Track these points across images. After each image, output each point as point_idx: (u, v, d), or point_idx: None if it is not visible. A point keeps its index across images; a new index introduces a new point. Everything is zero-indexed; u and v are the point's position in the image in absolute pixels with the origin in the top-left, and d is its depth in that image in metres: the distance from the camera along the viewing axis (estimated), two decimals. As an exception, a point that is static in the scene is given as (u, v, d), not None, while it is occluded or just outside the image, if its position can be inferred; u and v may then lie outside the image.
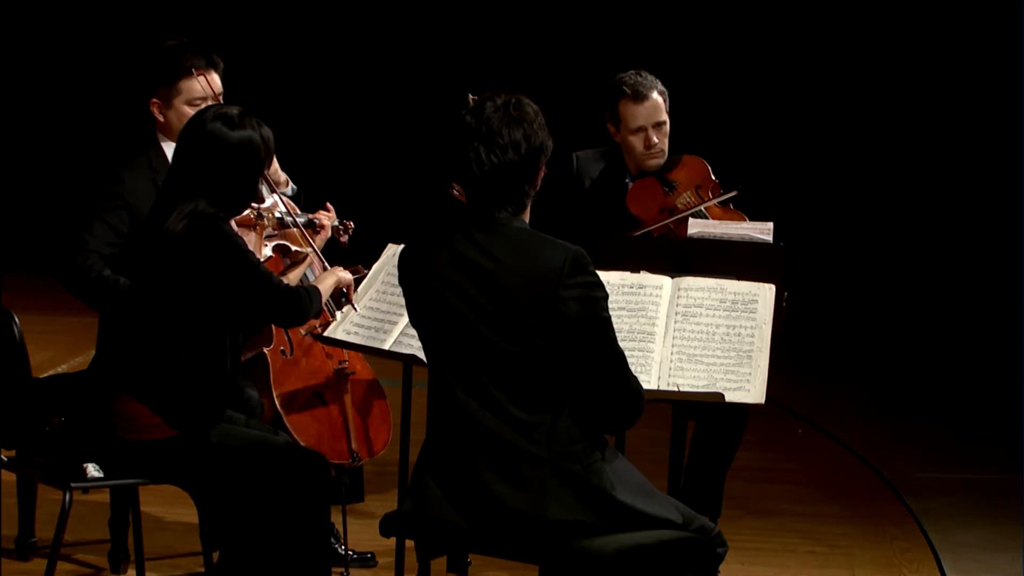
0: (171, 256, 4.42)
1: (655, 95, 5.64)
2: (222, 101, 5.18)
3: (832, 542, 6.08)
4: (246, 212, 4.84)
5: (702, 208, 5.57)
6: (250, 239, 4.91)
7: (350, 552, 5.37)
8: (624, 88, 5.65)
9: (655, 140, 5.65)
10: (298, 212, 5.17)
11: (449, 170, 3.96)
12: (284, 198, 5.18)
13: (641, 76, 5.66)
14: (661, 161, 5.69)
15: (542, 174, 3.97)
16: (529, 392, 3.86)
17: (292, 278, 4.84)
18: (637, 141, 5.66)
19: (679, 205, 5.61)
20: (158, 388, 4.47)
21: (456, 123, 3.94)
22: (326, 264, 5.10)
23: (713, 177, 5.69)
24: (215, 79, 5.21)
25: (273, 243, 5.04)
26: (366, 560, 5.46)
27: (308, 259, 4.98)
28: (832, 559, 5.89)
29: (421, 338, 4.00)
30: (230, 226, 4.52)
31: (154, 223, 4.48)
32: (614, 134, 5.72)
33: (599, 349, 3.86)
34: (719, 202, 5.60)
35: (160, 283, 4.46)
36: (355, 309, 4.88)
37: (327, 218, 5.21)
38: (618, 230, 5.55)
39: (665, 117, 5.66)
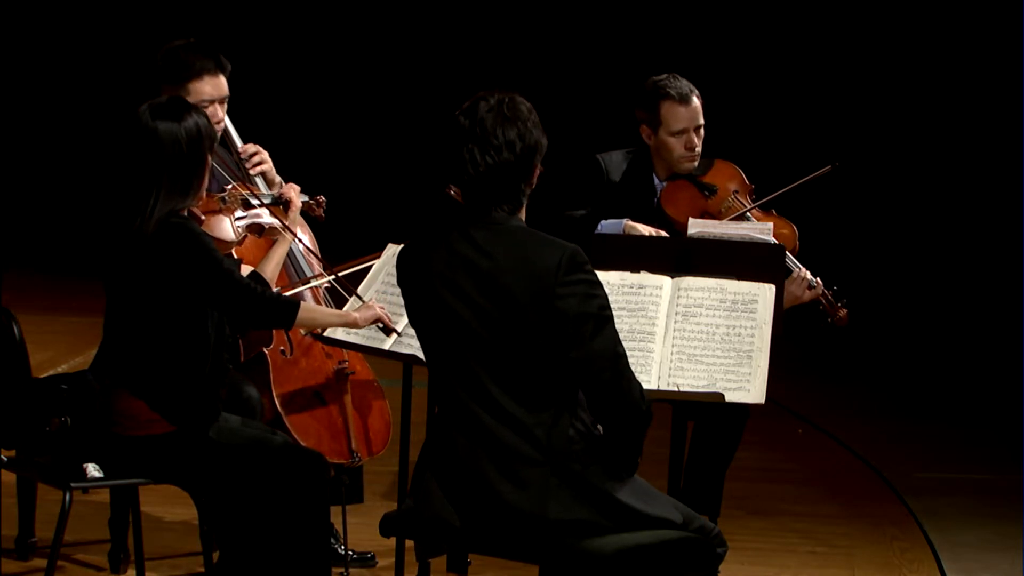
0: (144, 256, 4.46)
1: (696, 98, 5.63)
2: (226, 105, 5.20)
3: (832, 542, 6.08)
4: (207, 199, 4.82)
5: (748, 212, 5.56)
6: (222, 223, 4.90)
7: (350, 552, 5.37)
8: (668, 90, 5.61)
9: (696, 142, 5.64)
10: (262, 192, 5.16)
11: (445, 171, 3.95)
12: (245, 181, 5.16)
13: (678, 80, 5.64)
14: (695, 164, 5.67)
15: (538, 172, 3.96)
16: (529, 391, 3.85)
17: (278, 255, 4.86)
18: (678, 143, 5.63)
19: (723, 209, 5.59)
20: (151, 384, 4.49)
21: (450, 124, 3.92)
22: (300, 238, 5.11)
23: (748, 181, 5.68)
24: (222, 82, 5.22)
25: (245, 223, 5.01)
26: (366, 560, 5.46)
27: (288, 237, 4.96)
28: (832, 559, 5.89)
29: (420, 338, 4.00)
30: (197, 225, 4.55)
31: (121, 223, 4.49)
32: (648, 136, 5.67)
33: (597, 347, 3.83)
34: (811, 179, 5.55)
35: (137, 281, 4.49)
36: (398, 333, 4.85)
37: (292, 191, 5.18)
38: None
39: (703, 120, 5.65)
